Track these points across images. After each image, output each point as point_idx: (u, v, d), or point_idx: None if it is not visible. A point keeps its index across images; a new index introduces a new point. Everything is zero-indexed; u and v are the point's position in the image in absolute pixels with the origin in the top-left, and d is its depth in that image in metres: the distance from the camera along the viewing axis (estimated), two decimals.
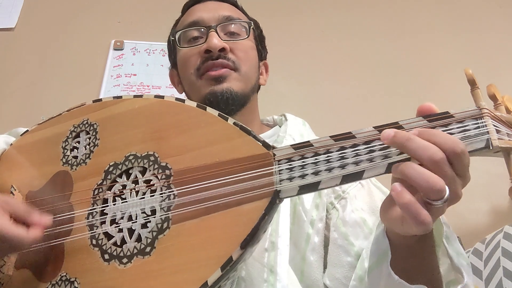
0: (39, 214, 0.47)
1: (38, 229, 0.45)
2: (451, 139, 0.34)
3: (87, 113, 0.55)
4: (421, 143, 0.35)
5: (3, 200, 0.46)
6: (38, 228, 0.45)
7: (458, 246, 0.46)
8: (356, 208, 0.61)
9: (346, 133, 0.39)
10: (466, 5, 1.50)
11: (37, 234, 0.45)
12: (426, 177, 0.34)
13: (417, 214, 0.33)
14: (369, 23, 1.47)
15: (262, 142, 0.43)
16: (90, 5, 1.49)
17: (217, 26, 0.67)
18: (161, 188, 0.45)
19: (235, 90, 0.65)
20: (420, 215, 0.33)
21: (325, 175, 0.38)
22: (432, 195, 0.34)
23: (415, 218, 0.34)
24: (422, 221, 0.33)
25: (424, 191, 0.34)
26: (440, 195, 0.33)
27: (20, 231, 0.44)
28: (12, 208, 0.46)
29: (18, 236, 0.43)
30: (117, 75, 1.37)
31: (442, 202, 0.34)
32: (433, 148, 0.34)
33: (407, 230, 0.37)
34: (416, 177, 0.34)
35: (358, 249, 0.58)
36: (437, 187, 0.33)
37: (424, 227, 0.34)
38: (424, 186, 0.33)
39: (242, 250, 0.39)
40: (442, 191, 0.33)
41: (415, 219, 0.34)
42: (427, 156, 0.34)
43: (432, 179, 0.33)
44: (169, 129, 0.48)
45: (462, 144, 0.34)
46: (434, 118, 0.37)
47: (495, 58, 1.38)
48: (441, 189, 0.33)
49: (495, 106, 0.39)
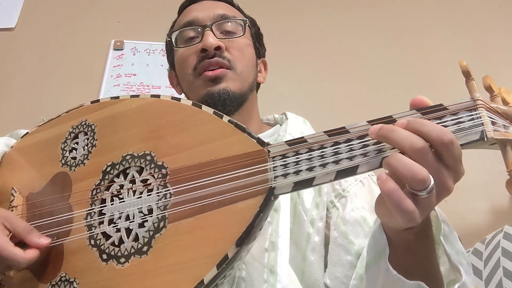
0: (38, 234, 0.47)
1: (35, 250, 0.46)
2: (438, 128, 0.34)
3: (85, 114, 0.55)
4: (402, 133, 0.34)
5: (3, 216, 0.47)
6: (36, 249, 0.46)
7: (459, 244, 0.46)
8: (356, 207, 0.61)
9: (340, 128, 0.39)
10: (466, 5, 1.50)
11: (33, 256, 0.45)
12: (408, 167, 0.33)
13: (399, 201, 0.33)
14: (369, 23, 1.47)
15: (257, 139, 0.42)
16: (90, 5, 1.50)
17: (213, 25, 0.67)
18: (158, 187, 0.45)
19: (232, 90, 0.65)
20: (402, 203, 0.33)
21: (319, 171, 0.38)
22: (415, 185, 0.33)
23: (397, 206, 0.33)
24: (405, 209, 0.33)
25: (407, 181, 0.34)
26: (423, 185, 0.33)
27: (17, 251, 0.45)
28: (11, 225, 0.46)
29: (13, 257, 0.44)
30: (117, 75, 1.38)
31: (427, 193, 0.33)
32: (414, 137, 0.34)
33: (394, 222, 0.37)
34: (399, 167, 0.34)
35: (358, 248, 0.57)
36: (419, 177, 0.33)
37: (407, 216, 0.33)
38: (407, 175, 0.33)
39: (237, 248, 0.39)
40: (424, 180, 0.33)
41: (397, 207, 0.33)
42: (408, 145, 0.34)
43: (414, 168, 0.33)
44: (166, 128, 0.48)
45: (451, 134, 0.34)
46: (428, 110, 0.37)
47: (495, 58, 1.37)
48: (423, 179, 0.33)
49: (491, 97, 0.39)
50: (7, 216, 0.47)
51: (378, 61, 1.39)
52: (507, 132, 0.36)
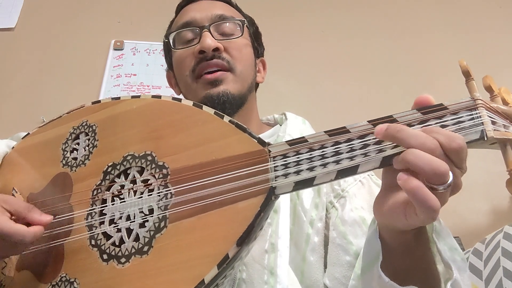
0: (39, 212, 0.47)
1: (40, 226, 0.45)
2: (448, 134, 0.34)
3: (86, 114, 0.55)
4: (412, 132, 0.34)
5: (2, 199, 0.46)
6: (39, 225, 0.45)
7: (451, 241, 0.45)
8: (355, 207, 0.61)
9: (341, 127, 0.39)
10: (466, 5, 1.50)
11: (38, 230, 0.45)
12: (428, 161, 0.33)
13: (426, 198, 0.32)
14: (369, 23, 1.47)
15: (257, 139, 0.43)
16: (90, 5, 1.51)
17: (210, 25, 0.67)
18: (159, 187, 0.45)
19: (231, 92, 0.64)
20: (429, 200, 0.32)
21: (320, 171, 0.38)
22: (435, 179, 0.33)
23: (423, 203, 0.32)
24: (431, 206, 0.32)
25: (427, 174, 0.33)
26: (444, 179, 0.33)
27: (20, 227, 0.44)
28: (12, 206, 0.46)
29: (18, 232, 0.43)
30: (117, 75, 1.38)
31: (446, 187, 0.33)
32: (423, 135, 0.34)
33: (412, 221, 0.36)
34: (418, 162, 0.33)
35: (357, 248, 0.57)
36: (441, 170, 0.32)
37: (432, 213, 0.33)
38: (427, 169, 0.33)
39: (238, 247, 0.39)
40: (446, 174, 0.33)
41: (423, 204, 0.32)
42: (418, 143, 0.34)
43: (435, 162, 0.33)
44: (166, 128, 0.48)
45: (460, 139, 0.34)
46: (428, 110, 0.37)
47: (495, 58, 1.37)
48: (445, 172, 0.33)
49: (491, 97, 0.39)
50: (6, 198, 0.47)
51: (378, 61, 1.40)
52: (507, 132, 0.36)
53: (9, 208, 0.46)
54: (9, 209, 0.46)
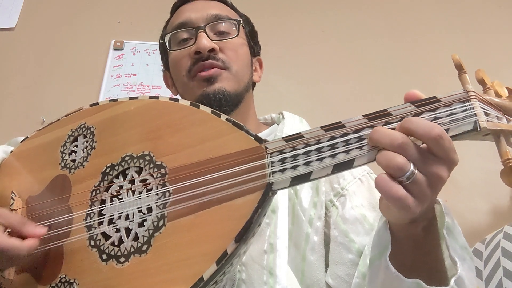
0: (33, 225, 0.47)
1: (34, 239, 0.46)
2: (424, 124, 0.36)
3: (84, 117, 0.56)
4: (383, 132, 0.36)
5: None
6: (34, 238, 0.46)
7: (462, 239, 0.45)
8: (356, 205, 0.61)
9: (336, 122, 0.40)
10: (466, 5, 1.51)
11: (33, 244, 0.45)
12: (386, 157, 0.36)
13: (387, 188, 0.35)
14: (369, 23, 1.48)
15: (254, 136, 0.43)
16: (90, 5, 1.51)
17: (206, 26, 0.67)
18: (157, 186, 0.45)
19: (227, 90, 0.65)
20: (390, 189, 0.35)
21: (316, 165, 0.38)
22: (392, 171, 0.35)
23: (386, 193, 0.35)
24: (393, 194, 0.35)
25: (385, 168, 0.36)
26: (401, 171, 0.35)
27: (14, 241, 0.44)
28: (6, 220, 0.46)
29: (13, 247, 0.44)
30: (117, 75, 1.38)
31: (407, 178, 0.35)
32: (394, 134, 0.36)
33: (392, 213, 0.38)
34: (380, 159, 0.36)
35: (359, 246, 0.57)
36: (393, 163, 0.35)
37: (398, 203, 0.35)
38: (384, 164, 0.36)
39: (236, 244, 0.39)
40: (400, 166, 0.35)
41: (386, 194, 0.35)
42: (388, 142, 0.36)
43: (390, 157, 0.35)
44: (164, 128, 0.48)
45: (438, 128, 0.35)
46: (422, 103, 0.37)
47: (494, 58, 1.38)
48: (398, 164, 0.35)
49: (484, 90, 0.39)
50: (1, 212, 0.47)
51: (378, 61, 1.40)
52: (500, 123, 0.36)
53: (3, 221, 0.46)
54: (4, 222, 0.46)
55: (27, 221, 0.47)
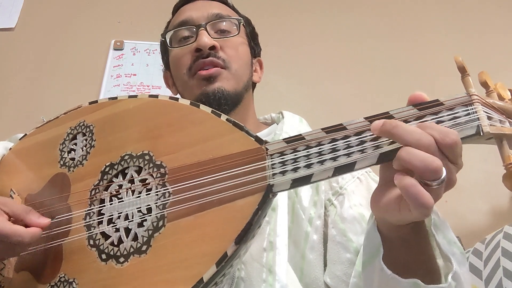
0: (37, 214, 0.47)
1: (38, 228, 0.45)
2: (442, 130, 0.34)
3: (84, 115, 0.55)
4: (407, 128, 0.35)
5: (1, 201, 0.46)
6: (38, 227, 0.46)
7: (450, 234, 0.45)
8: (354, 204, 0.61)
9: (337, 125, 0.39)
10: (466, 5, 1.50)
11: (36, 232, 0.45)
12: (421, 157, 0.33)
13: (418, 195, 0.33)
14: (369, 24, 1.47)
15: (254, 137, 0.43)
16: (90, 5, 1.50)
17: (207, 24, 0.67)
18: (156, 186, 0.45)
19: (226, 89, 0.65)
20: (422, 197, 0.33)
21: (317, 168, 0.38)
22: (428, 175, 0.33)
23: (416, 200, 0.33)
24: (424, 202, 0.33)
25: (420, 171, 0.33)
26: (437, 175, 0.33)
27: (18, 227, 0.44)
28: (10, 208, 0.46)
29: (16, 233, 0.43)
30: (117, 75, 1.38)
31: (440, 183, 0.33)
32: (419, 131, 0.34)
33: (405, 216, 0.36)
34: (411, 159, 0.33)
35: (357, 245, 0.57)
36: (433, 166, 0.33)
37: (425, 210, 0.33)
38: (420, 165, 0.33)
39: (236, 245, 0.39)
40: (438, 170, 0.33)
41: (416, 201, 0.33)
42: (414, 139, 0.34)
43: (427, 159, 0.33)
44: (164, 127, 0.48)
45: (455, 134, 0.34)
46: (424, 106, 0.37)
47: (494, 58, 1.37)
48: (437, 168, 0.33)
49: (487, 93, 0.39)
50: (5, 200, 0.47)
51: (378, 61, 1.40)
52: (503, 127, 0.36)
53: (7, 210, 0.46)
54: (7, 211, 0.46)
55: (31, 210, 0.47)
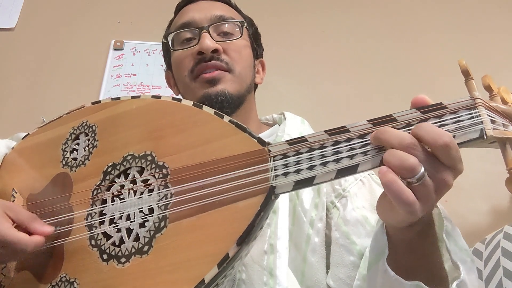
0: (41, 222, 0.47)
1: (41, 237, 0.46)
2: (434, 131, 0.35)
3: (86, 115, 0.55)
4: (392, 133, 0.36)
5: (6, 206, 0.47)
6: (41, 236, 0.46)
7: (462, 241, 0.46)
8: (357, 206, 0.61)
9: (340, 127, 0.39)
10: (466, 5, 1.50)
11: (40, 240, 0.45)
12: (397, 156, 0.35)
13: (399, 191, 0.34)
14: (369, 23, 1.47)
15: (257, 138, 0.43)
16: (90, 5, 1.50)
17: (210, 26, 0.67)
18: (159, 187, 0.45)
19: (230, 92, 0.64)
20: (402, 193, 0.34)
21: (320, 170, 0.38)
22: (404, 172, 0.34)
23: (397, 196, 0.34)
24: (405, 199, 0.34)
25: (396, 168, 0.35)
26: (412, 172, 0.34)
27: (22, 235, 0.44)
28: (15, 214, 0.46)
29: (21, 241, 0.44)
30: (117, 75, 1.38)
31: (418, 179, 0.34)
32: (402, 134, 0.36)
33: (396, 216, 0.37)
34: (390, 159, 0.35)
35: (360, 248, 0.57)
36: (407, 163, 0.34)
37: (408, 207, 0.34)
38: (396, 163, 0.35)
39: (238, 247, 0.39)
40: (413, 166, 0.34)
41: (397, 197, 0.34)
42: (397, 142, 0.35)
43: (403, 156, 0.34)
44: (166, 128, 0.48)
45: (447, 136, 0.35)
46: (428, 109, 0.37)
47: (495, 58, 1.37)
48: (412, 165, 0.34)
49: (490, 96, 0.39)
50: (10, 206, 0.47)
51: (378, 61, 1.40)
52: (507, 131, 0.36)
53: (12, 215, 0.46)
54: (13, 216, 0.46)
55: (35, 217, 0.47)
